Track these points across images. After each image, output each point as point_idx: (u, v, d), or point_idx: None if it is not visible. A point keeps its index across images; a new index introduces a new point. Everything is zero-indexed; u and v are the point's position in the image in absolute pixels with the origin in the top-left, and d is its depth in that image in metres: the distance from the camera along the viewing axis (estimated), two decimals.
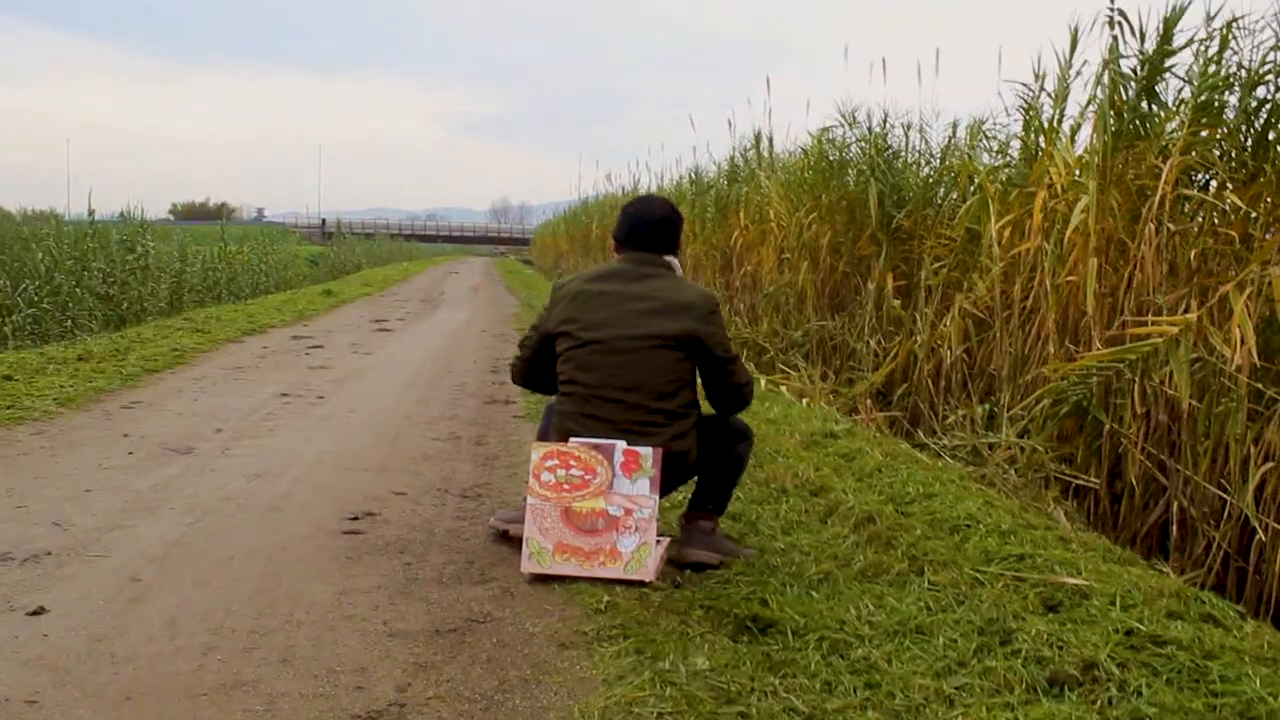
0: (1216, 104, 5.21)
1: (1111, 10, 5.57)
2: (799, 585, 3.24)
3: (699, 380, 3.63)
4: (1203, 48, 5.24)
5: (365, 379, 7.99)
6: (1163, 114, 5.49)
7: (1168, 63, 5.46)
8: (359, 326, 12.72)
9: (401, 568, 3.47)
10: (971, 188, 7.35)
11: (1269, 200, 4.99)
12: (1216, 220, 5.26)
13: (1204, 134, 5.20)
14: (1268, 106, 5.03)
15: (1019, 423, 5.42)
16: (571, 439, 3.48)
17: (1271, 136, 5.03)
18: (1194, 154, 5.17)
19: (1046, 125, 6.47)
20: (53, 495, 4.23)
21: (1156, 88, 5.56)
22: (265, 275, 22.00)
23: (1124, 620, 2.77)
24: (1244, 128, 5.13)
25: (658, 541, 3.41)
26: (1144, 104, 5.61)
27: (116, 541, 3.65)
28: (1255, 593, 4.45)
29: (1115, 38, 5.59)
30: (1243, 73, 5.09)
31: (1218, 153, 5.24)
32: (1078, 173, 5.86)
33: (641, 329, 3.47)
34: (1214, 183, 5.33)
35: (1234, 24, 5.09)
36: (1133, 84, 5.57)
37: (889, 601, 3.06)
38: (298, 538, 3.77)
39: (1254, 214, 5.02)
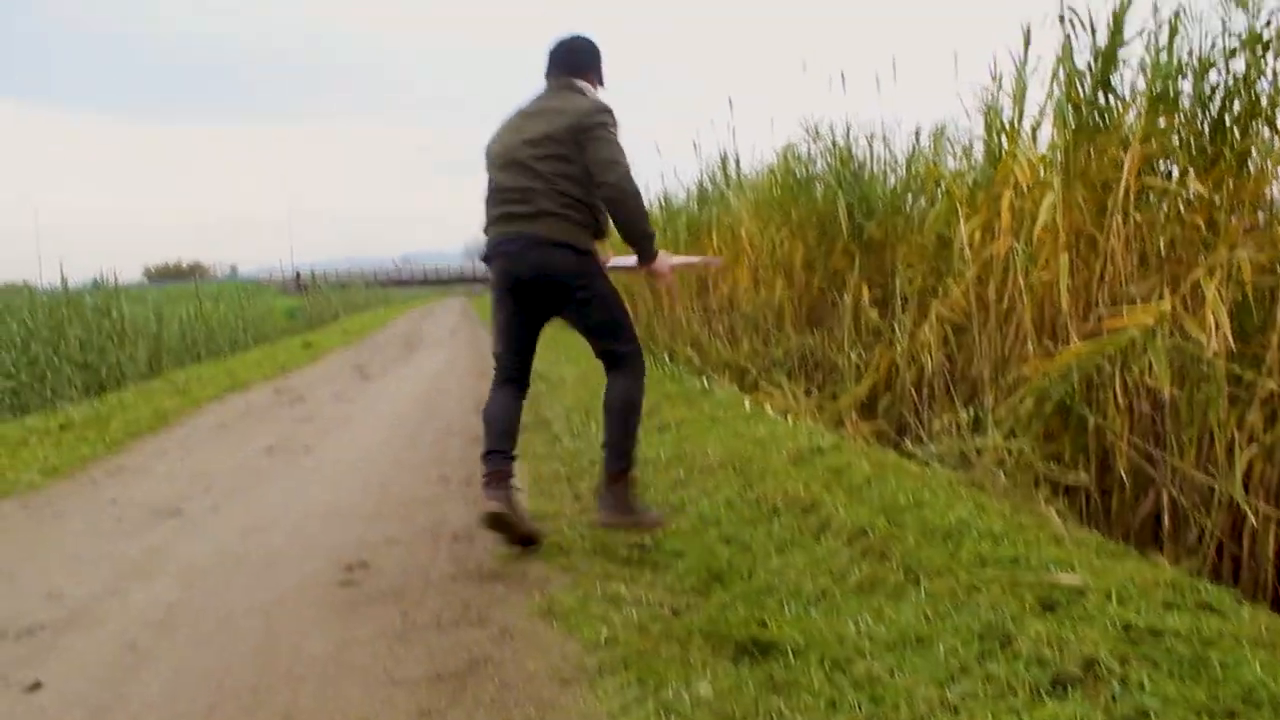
0: (1171, 92, 5.26)
1: (1062, 7, 5.64)
2: (797, 604, 3.24)
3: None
4: (1153, 38, 5.31)
5: (350, 427, 7.97)
6: (1120, 106, 5.55)
7: (1120, 54, 5.52)
8: (340, 376, 12.68)
9: (399, 615, 3.45)
10: (939, 193, 7.39)
11: (1230, 184, 5.04)
12: (1182, 207, 5.31)
13: (1162, 122, 5.25)
14: (1221, 91, 5.09)
15: (1004, 424, 5.43)
16: None
17: (1228, 120, 5.09)
18: (1154, 143, 5.22)
19: (1007, 125, 6.51)
20: (44, 567, 4.20)
21: (1112, 80, 5.61)
22: (243, 331, 21.96)
23: (1121, 614, 2.78)
24: (1200, 113, 5.18)
25: None
26: (1101, 97, 5.67)
27: (111, 609, 3.63)
28: (1251, 578, 4.46)
29: (1067, 34, 5.65)
30: (1194, 59, 5.15)
31: (1177, 140, 5.28)
32: (1042, 170, 5.90)
33: (530, 135, 3.93)
34: (1176, 170, 5.37)
35: (1181, 12, 5.16)
36: (1088, 78, 5.62)
37: (887, 613, 3.07)
38: (294, 592, 3.76)
39: (1217, 199, 5.07)
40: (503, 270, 4.00)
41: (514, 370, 4.16)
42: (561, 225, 3.87)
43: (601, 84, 4.23)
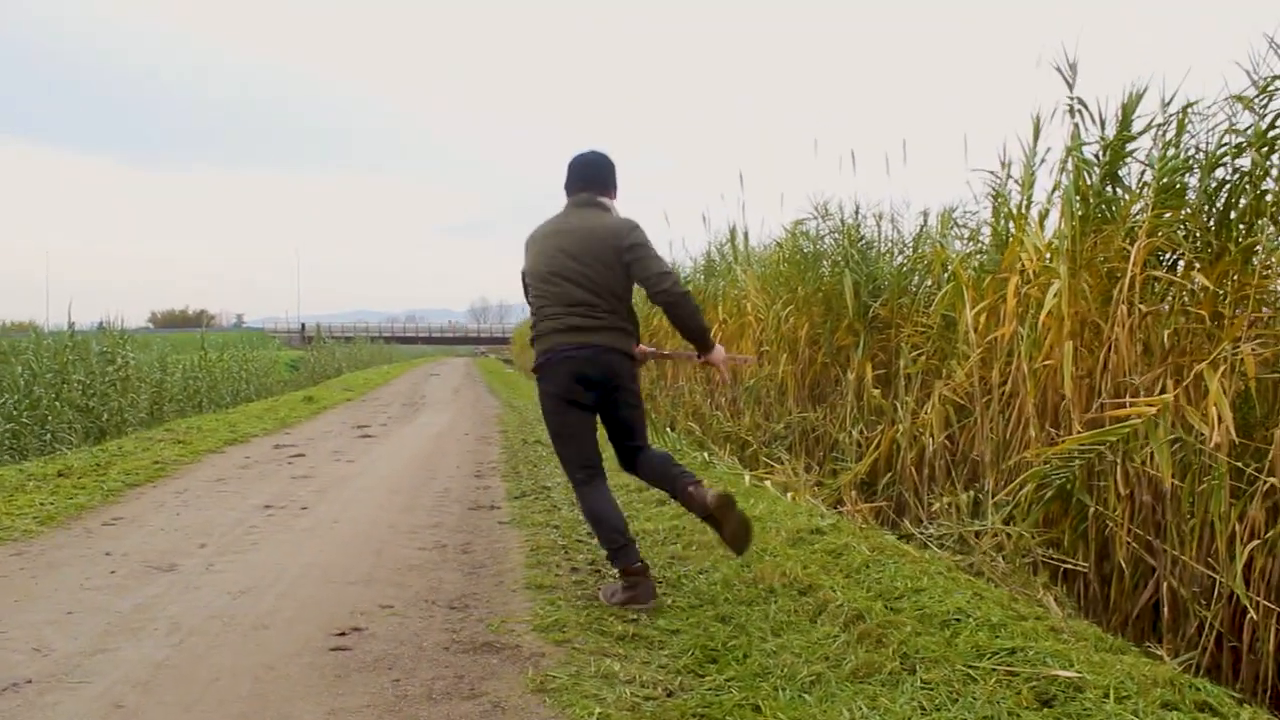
0: (1178, 186, 5.31)
1: (1071, 99, 5.72)
2: (791, 689, 3.21)
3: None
4: (1161, 132, 5.38)
5: (348, 488, 7.94)
6: (1127, 197, 5.60)
7: (1128, 148, 5.58)
8: (341, 433, 12.66)
9: (390, 685, 3.41)
10: (945, 275, 7.43)
11: (1235, 278, 5.07)
12: (1186, 300, 5.33)
13: (1168, 215, 5.30)
14: (1227, 187, 5.14)
15: (1004, 508, 5.42)
16: None
17: (1233, 216, 5.13)
18: (1160, 235, 5.26)
19: (1015, 211, 6.56)
20: (33, 619, 4.16)
21: (1119, 172, 5.67)
22: (245, 382, 21.99)
23: (1119, 713, 2.75)
24: (1206, 208, 5.23)
25: None
26: (1108, 188, 5.73)
27: (99, 666, 3.59)
28: (1251, 673, 4.42)
29: (1076, 125, 5.73)
30: (1200, 155, 5.21)
31: (1182, 233, 5.33)
32: (1048, 257, 5.94)
33: (577, 254, 4.39)
34: (1181, 263, 5.41)
35: (1189, 108, 5.23)
36: (1096, 169, 5.68)
37: (882, 702, 3.03)
38: (285, 656, 3.72)
39: (1221, 292, 5.10)
40: (570, 373, 4.39)
41: (595, 463, 4.52)
42: (618, 335, 4.42)
43: (616, 193, 4.70)
